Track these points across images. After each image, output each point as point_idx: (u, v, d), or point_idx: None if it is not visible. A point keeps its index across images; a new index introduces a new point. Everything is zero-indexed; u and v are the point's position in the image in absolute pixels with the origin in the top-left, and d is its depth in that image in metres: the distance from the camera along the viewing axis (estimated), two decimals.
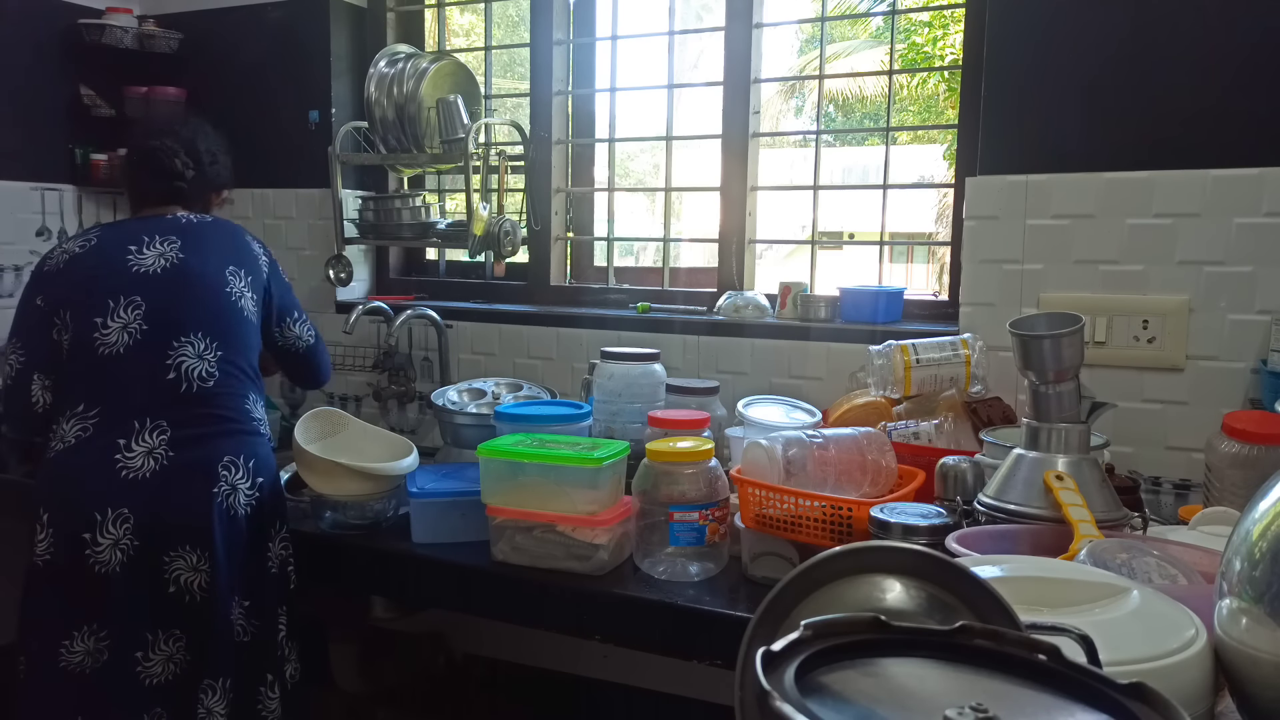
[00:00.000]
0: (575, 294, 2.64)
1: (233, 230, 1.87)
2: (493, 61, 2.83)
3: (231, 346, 1.71)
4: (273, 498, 1.71)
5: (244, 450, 1.67)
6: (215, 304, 1.72)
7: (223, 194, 1.99)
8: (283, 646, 1.70)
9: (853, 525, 1.38)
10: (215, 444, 1.65)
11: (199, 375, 1.66)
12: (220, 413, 1.67)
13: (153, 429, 1.62)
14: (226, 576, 1.61)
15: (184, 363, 1.66)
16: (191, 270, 1.72)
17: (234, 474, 1.64)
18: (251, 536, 1.66)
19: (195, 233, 1.79)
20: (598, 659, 2.26)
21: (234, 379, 1.71)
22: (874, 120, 10.16)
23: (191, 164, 1.87)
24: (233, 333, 1.72)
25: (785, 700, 0.54)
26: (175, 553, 1.60)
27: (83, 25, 2.79)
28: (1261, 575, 0.72)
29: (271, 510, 1.70)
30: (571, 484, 1.51)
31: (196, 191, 1.89)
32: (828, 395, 2.11)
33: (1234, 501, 1.51)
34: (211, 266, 1.75)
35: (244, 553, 1.65)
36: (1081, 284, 1.93)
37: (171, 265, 1.72)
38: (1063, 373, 1.38)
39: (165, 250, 1.73)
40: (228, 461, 1.64)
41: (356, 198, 2.70)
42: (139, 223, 1.81)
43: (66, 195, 2.87)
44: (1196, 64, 1.81)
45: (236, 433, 1.68)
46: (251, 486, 1.66)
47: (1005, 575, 0.97)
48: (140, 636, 1.60)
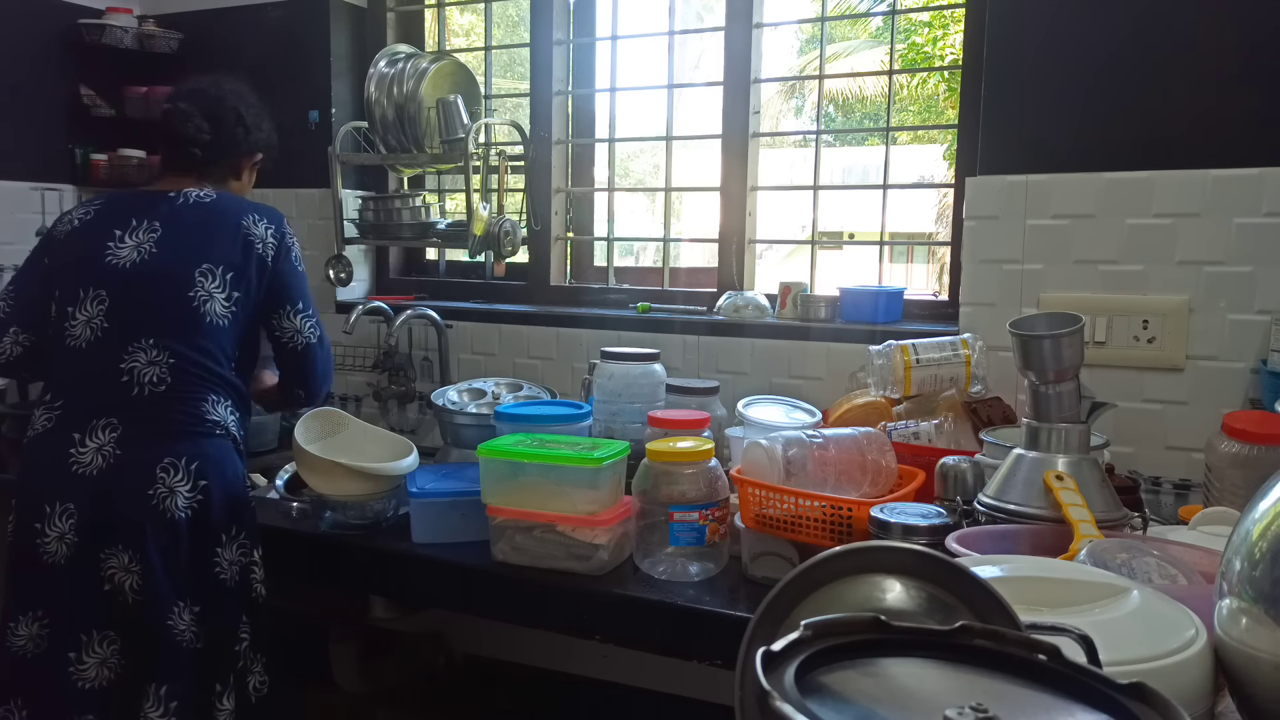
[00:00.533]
0: (575, 294, 2.64)
1: (230, 213, 1.75)
2: (493, 61, 2.83)
3: (188, 351, 1.65)
4: (224, 502, 1.64)
5: (189, 453, 1.61)
6: (175, 309, 1.66)
7: (254, 158, 1.91)
8: (244, 657, 1.65)
9: (853, 525, 1.38)
10: (158, 446, 1.61)
11: (150, 380, 1.63)
12: (170, 415, 1.63)
13: (105, 426, 1.61)
14: (162, 580, 1.58)
15: (135, 367, 1.63)
16: (159, 269, 1.68)
17: (173, 476, 1.59)
18: (194, 541, 1.61)
19: (183, 220, 1.72)
20: (598, 659, 2.26)
21: (189, 382, 1.65)
22: (874, 120, 10.17)
23: (209, 129, 1.80)
24: (191, 338, 1.66)
25: (785, 700, 0.54)
26: (110, 551, 1.59)
27: (82, 25, 2.79)
28: (1262, 575, 0.72)
29: (223, 515, 1.64)
30: (571, 484, 1.51)
31: (216, 158, 1.83)
32: (828, 395, 2.11)
33: (1234, 501, 1.51)
34: (181, 264, 1.68)
35: (185, 557, 1.60)
36: (1081, 284, 1.93)
37: (142, 260, 1.68)
38: (1063, 373, 1.38)
39: (143, 240, 1.69)
40: (168, 463, 1.60)
41: (356, 198, 2.70)
42: (139, 200, 1.77)
43: (66, 195, 2.87)
44: (1196, 64, 1.81)
45: (184, 435, 1.63)
46: (193, 489, 1.61)
47: (1005, 575, 0.97)
48: (76, 636, 1.59)
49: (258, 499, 2.10)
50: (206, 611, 1.62)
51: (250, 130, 1.87)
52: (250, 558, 1.69)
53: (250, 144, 1.88)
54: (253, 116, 1.87)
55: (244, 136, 1.86)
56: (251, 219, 1.76)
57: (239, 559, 1.66)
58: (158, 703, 1.57)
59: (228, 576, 1.64)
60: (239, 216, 1.75)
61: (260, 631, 1.69)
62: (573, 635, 1.55)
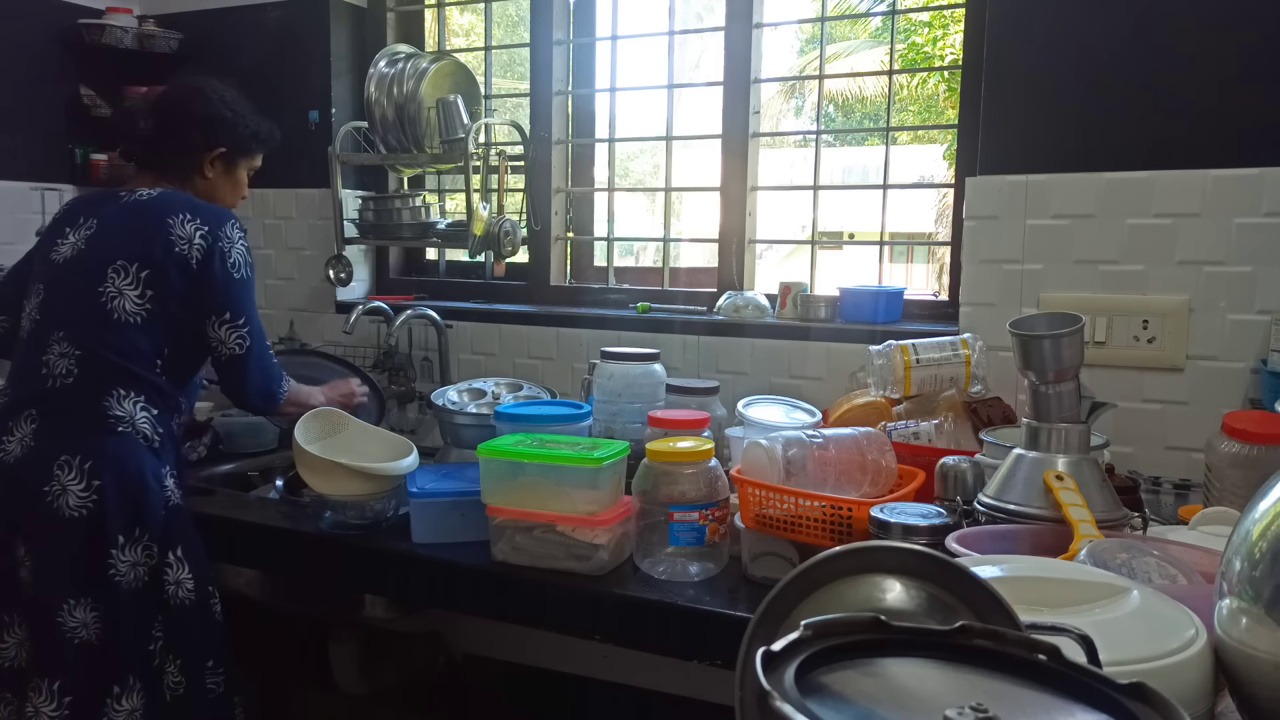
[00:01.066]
0: (575, 294, 2.64)
1: (159, 211, 1.71)
2: (493, 61, 2.83)
3: (95, 346, 1.65)
4: (122, 503, 1.61)
5: (85, 450, 1.60)
6: (83, 303, 1.67)
7: (213, 153, 1.83)
8: (158, 657, 1.64)
9: (853, 525, 1.38)
10: (59, 441, 1.62)
11: (60, 373, 1.65)
12: (74, 408, 1.64)
13: (27, 417, 1.65)
14: (50, 577, 1.59)
15: (50, 359, 1.66)
16: (79, 265, 1.70)
17: (66, 474, 1.59)
18: (85, 540, 1.59)
19: (117, 217, 1.73)
20: (597, 659, 2.26)
21: (94, 377, 1.65)
22: (874, 120, 10.16)
23: (151, 126, 1.78)
24: (98, 334, 1.66)
25: (785, 700, 0.54)
26: (16, 540, 1.62)
27: (83, 25, 2.79)
28: (1261, 575, 0.72)
29: (120, 516, 1.61)
30: (571, 484, 1.51)
31: (161, 154, 1.80)
32: (828, 395, 2.11)
33: (1234, 501, 1.51)
34: (98, 261, 1.68)
35: (76, 556, 1.59)
36: (1081, 284, 1.93)
37: (71, 257, 1.72)
38: (1063, 373, 1.38)
39: (79, 239, 1.72)
40: (63, 461, 1.59)
41: (356, 198, 2.70)
42: (94, 199, 1.81)
43: (66, 195, 2.86)
44: (1196, 64, 1.81)
45: (84, 431, 1.63)
46: (86, 489, 1.59)
47: (1005, 575, 0.97)
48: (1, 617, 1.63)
49: (256, 499, 2.11)
50: (105, 610, 1.60)
51: (206, 126, 1.81)
52: (161, 559, 1.65)
53: (207, 140, 1.82)
54: (209, 111, 1.81)
55: (196, 133, 1.81)
56: (181, 218, 1.70)
57: (143, 560, 1.64)
58: (50, 697, 1.57)
59: (127, 579, 1.61)
60: (166, 214, 1.71)
61: (179, 633, 1.66)
62: (573, 635, 1.55)
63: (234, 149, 1.86)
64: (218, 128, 1.83)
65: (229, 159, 1.87)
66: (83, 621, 1.59)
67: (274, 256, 2.85)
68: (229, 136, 1.84)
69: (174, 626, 1.66)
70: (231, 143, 1.85)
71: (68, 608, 1.59)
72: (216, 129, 1.83)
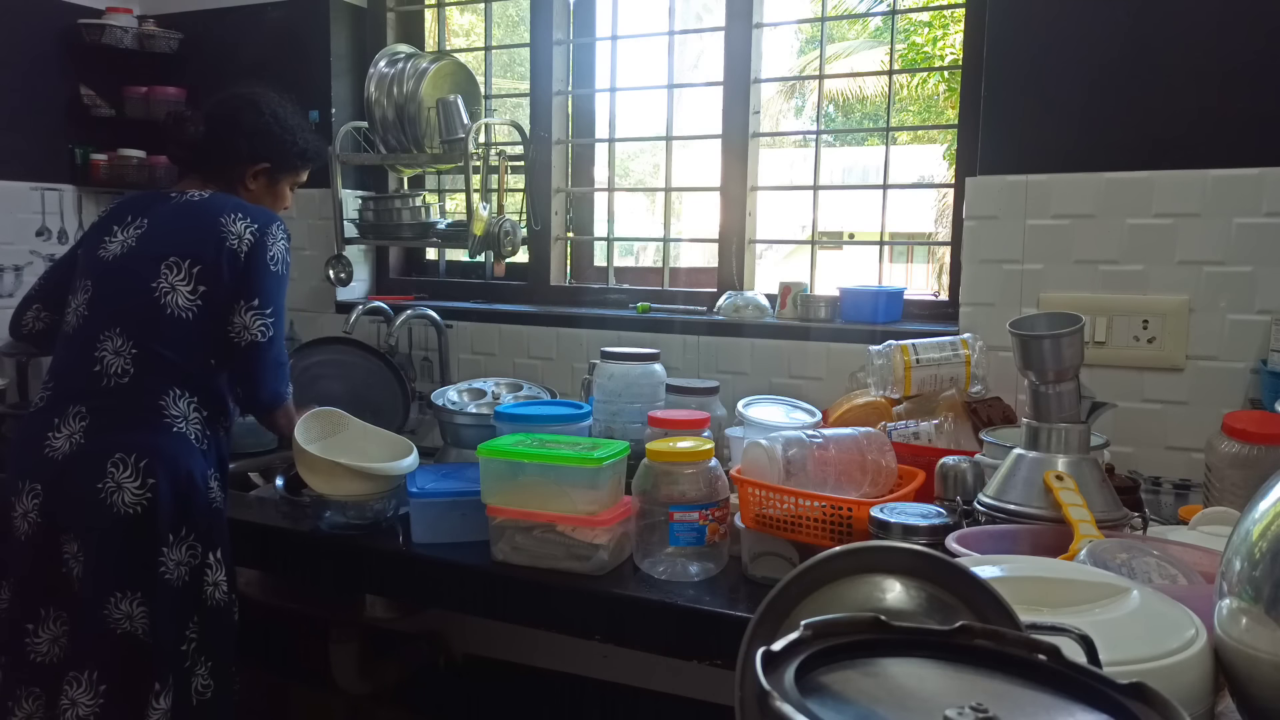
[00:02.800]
0: (575, 294, 2.64)
1: (212, 209, 1.73)
2: (493, 61, 2.83)
3: (151, 342, 1.66)
4: (173, 501, 1.62)
5: (141, 447, 1.61)
6: (138, 300, 1.68)
7: (256, 167, 1.84)
8: (190, 658, 1.64)
9: (853, 525, 1.38)
10: (113, 438, 1.62)
11: (116, 371, 1.65)
12: (129, 406, 1.65)
13: (76, 414, 1.64)
14: (100, 572, 1.59)
15: (105, 357, 1.66)
16: (131, 262, 1.71)
17: (121, 471, 1.59)
18: (138, 537, 1.60)
19: (168, 216, 1.75)
20: (597, 659, 2.26)
21: (152, 374, 1.66)
22: (874, 120, 10.16)
23: (203, 133, 1.81)
24: (154, 329, 1.67)
25: (785, 700, 0.54)
26: (65, 537, 1.62)
27: (82, 25, 2.79)
28: (1261, 575, 0.72)
29: (171, 515, 1.62)
30: (571, 484, 1.51)
31: (209, 162, 1.83)
32: (828, 395, 2.11)
33: (1234, 501, 1.51)
34: (151, 257, 1.69)
35: (127, 553, 1.59)
36: (1081, 284, 1.93)
37: (121, 254, 1.72)
38: (1063, 373, 1.38)
39: (129, 237, 1.73)
40: (118, 458, 1.60)
41: (356, 198, 2.70)
42: (143, 199, 1.81)
43: (66, 195, 2.87)
44: (1196, 64, 1.81)
45: (140, 428, 1.64)
46: (141, 486, 1.59)
47: (1005, 575, 0.97)
48: (34, 610, 1.63)
49: (256, 499, 2.11)
50: (150, 609, 1.61)
51: (252, 138, 1.82)
52: (203, 560, 1.66)
53: (253, 153, 1.83)
54: (257, 124, 1.83)
55: (243, 143, 1.82)
56: (233, 216, 1.72)
57: (187, 560, 1.64)
58: (89, 687, 1.59)
59: (173, 576, 1.62)
60: (219, 213, 1.72)
61: (211, 635, 1.67)
62: (573, 635, 1.55)
63: (278, 165, 1.87)
64: (263, 142, 1.84)
65: (272, 174, 1.88)
66: (128, 614, 1.60)
67: None
68: (274, 152, 1.86)
69: (209, 627, 1.67)
70: (276, 159, 1.86)
71: (114, 600, 1.60)
72: (262, 144, 1.84)
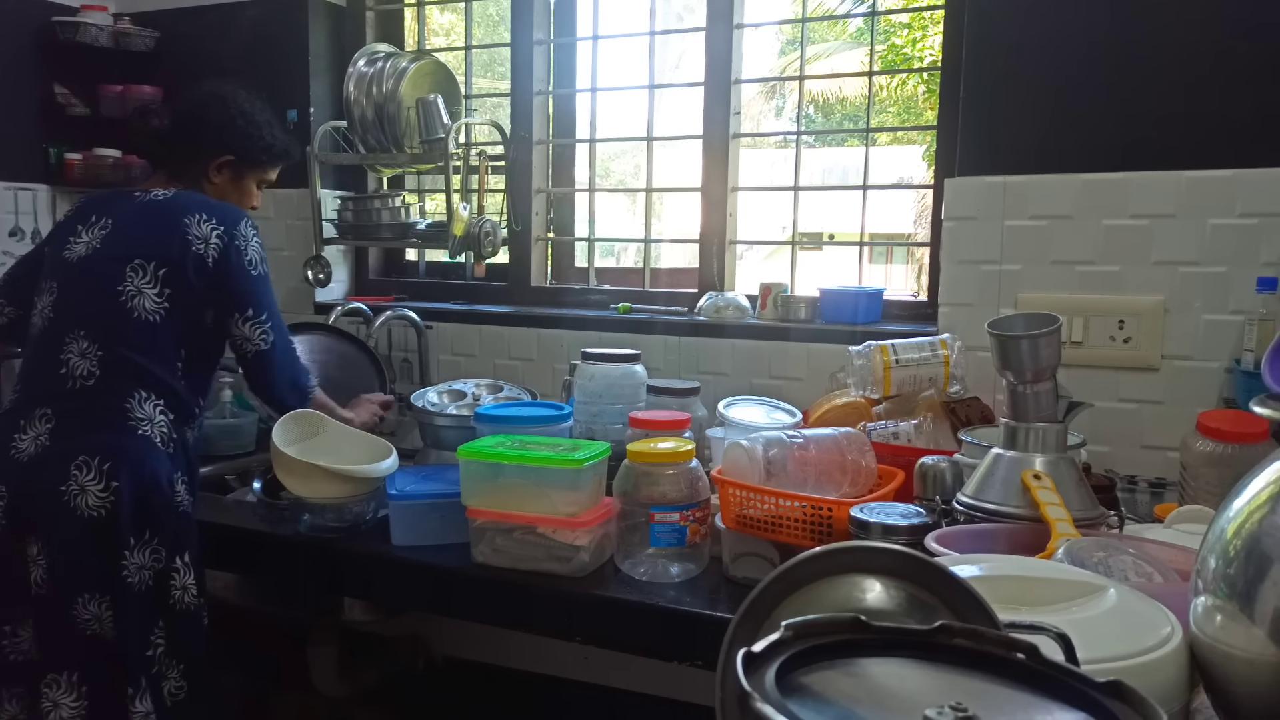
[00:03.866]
0: (556, 295, 2.63)
1: (176, 210, 1.71)
2: (473, 61, 2.82)
3: (117, 346, 1.65)
4: (136, 505, 1.60)
5: (104, 450, 1.59)
6: (103, 303, 1.66)
7: (219, 159, 1.83)
8: (158, 663, 1.63)
9: (833, 525, 1.39)
10: (77, 440, 1.61)
11: (81, 373, 1.64)
12: (94, 410, 1.64)
13: (42, 416, 1.63)
14: (63, 575, 1.58)
15: (70, 359, 1.65)
16: (96, 264, 1.69)
17: (85, 474, 1.58)
18: (100, 540, 1.58)
19: (132, 216, 1.73)
20: (579, 661, 2.26)
21: (115, 377, 1.65)
22: (854, 121, 10.21)
23: (168, 126, 1.80)
24: (120, 333, 1.65)
25: (766, 701, 0.54)
26: (28, 539, 1.60)
27: (57, 23, 2.76)
28: (1235, 573, 0.73)
29: (133, 518, 1.60)
30: (552, 485, 1.50)
31: (173, 156, 1.82)
32: (808, 395, 2.11)
33: (1209, 500, 1.52)
34: (116, 259, 1.68)
35: (90, 556, 1.58)
36: (1059, 284, 1.94)
37: (86, 255, 1.71)
38: (1040, 373, 1.39)
39: (93, 238, 1.72)
40: (81, 460, 1.58)
41: (335, 198, 2.69)
42: (108, 198, 1.79)
43: (40, 195, 2.84)
44: (1171, 67, 1.83)
45: (104, 431, 1.62)
46: (104, 489, 1.58)
47: (984, 574, 0.97)
48: (9, 611, 1.62)
49: (234, 501, 2.09)
50: (117, 611, 1.60)
51: (216, 133, 1.82)
52: (168, 564, 1.64)
53: (215, 146, 1.82)
54: (223, 118, 1.82)
55: (205, 136, 1.81)
56: (197, 217, 1.71)
57: (151, 563, 1.63)
58: (69, 689, 1.57)
59: (136, 580, 1.61)
60: (184, 214, 1.71)
61: (179, 639, 1.65)
62: (554, 637, 1.54)
63: (242, 159, 1.86)
64: (227, 136, 1.83)
65: (236, 168, 1.87)
66: (96, 616, 1.59)
67: None
68: (238, 146, 1.85)
69: (176, 631, 1.65)
70: (240, 152, 1.85)
71: (82, 602, 1.59)
72: (226, 137, 1.83)
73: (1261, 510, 0.73)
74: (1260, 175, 1.78)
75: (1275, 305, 1.66)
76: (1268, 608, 0.69)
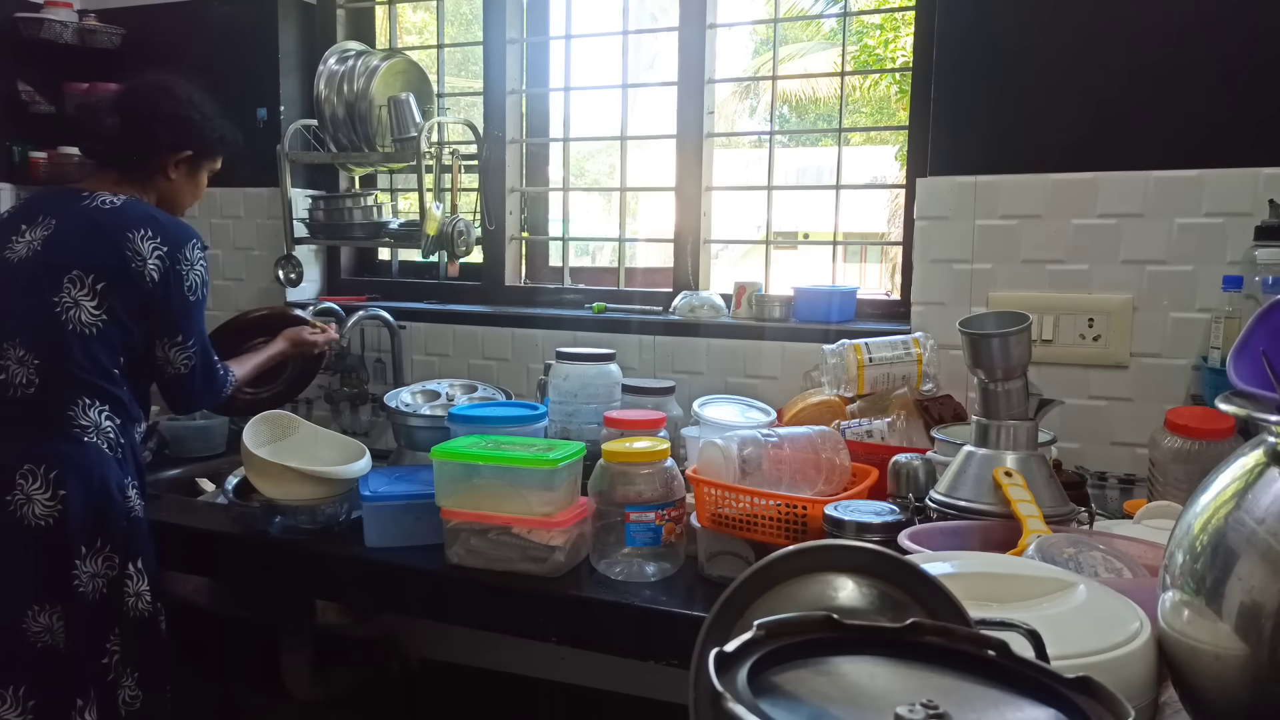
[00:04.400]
0: (530, 294, 2.62)
1: (121, 224, 1.66)
2: (445, 60, 2.81)
3: (54, 357, 1.61)
4: (85, 513, 1.59)
5: (50, 458, 1.57)
6: (39, 314, 1.62)
7: (178, 155, 1.79)
8: (114, 670, 1.61)
9: (807, 523, 1.39)
10: (21, 449, 1.58)
11: (21, 382, 1.60)
12: (36, 419, 1.61)
13: None
14: (12, 585, 1.56)
15: (9, 366, 1.61)
16: (33, 269, 1.64)
17: (30, 483, 1.56)
18: (50, 549, 1.56)
19: (76, 221, 1.67)
20: (555, 661, 2.25)
21: (55, 386, 1.61)
22: (827, 121, 10.26)
23: (118, 125, 1.74)
24: (57, 344, 1.62)
25: (738, 701, 0.54)
26: None
27: (19, 19, 2.71)
28: (1202, 568, 0.74)
29: (83, 527, 1.58)
30: (527, 485, 1.50)
31: (127, 154, 1.76)
32: (783, 394, 2.12)
33: (1177, 496, 1.54)
34: (54, 268, 1.63)
35: (40, 565, 1.56)
36: (1029, 283, 1.96)
37: (27, 256, 1.65)
38: (1011, 370, 1.40)
39: (35, 239, 1.66)
40: (26, 470, 1.56)
41: (306, 197, 2.66)
42: (54, 197, 1.74)
43: (4, 194, 2.79)
44: (1137, 69, 1.85)
45: (49, 439, 1.60)
46: (52, 498, 1.56)
47: (955, 572, 0.98)
48: None
49: (204, 504, 2.06)
50: (68, 620, 1.58)
51: (171, 126, 1.77)
52: (121, 571, 1.62)
53: (174, 142, 1.78)
54: (176, 111, 1.77)
55: (164, 133, 1.76)
56: (141, 234, 1.66)
57: (104, 571, 1.61)
58: (15, 704, 1.55)
59: (88, 589, 1.59)
60: (128, 229, 1.66)
61: (135, 646, 1.63)
62: (529, 638, 1.54)
63: (200, 152, 1.83)
64: (184, 129, 1.79)
65: (193, 162, 1.83)
66: (47, 627, 1.57)
67: (222, 257, 2.79)
68: (196, 139, 1.81)
69: (131, 639, 1.63)
70: (198, 146, 1.82)
71: (32, 614, 1.56)
72: (183, 131, 1.79)
73: (1227, 506, 0.74)
74: (1225, 175, 1.80)
75: (1241, 303, 1.68)
76: (1234, 602, 0.70)
